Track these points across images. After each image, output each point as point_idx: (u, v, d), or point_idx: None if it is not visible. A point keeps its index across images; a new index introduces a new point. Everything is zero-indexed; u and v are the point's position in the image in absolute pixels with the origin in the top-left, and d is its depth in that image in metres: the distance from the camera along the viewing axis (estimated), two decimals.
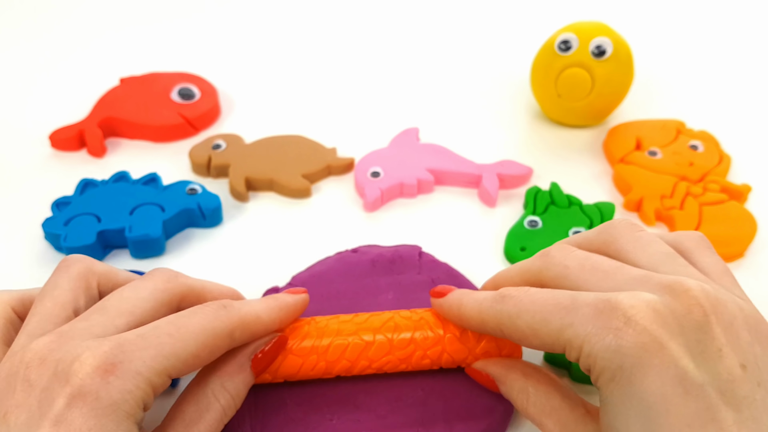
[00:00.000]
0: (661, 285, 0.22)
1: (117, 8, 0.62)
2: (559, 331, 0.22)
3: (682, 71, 0.55)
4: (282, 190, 0.42)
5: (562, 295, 0.23)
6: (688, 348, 0.20)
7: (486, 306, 0.25)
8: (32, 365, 0.22)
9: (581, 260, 0.24)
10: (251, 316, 0.25)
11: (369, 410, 0.29)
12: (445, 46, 0.58)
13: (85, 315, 0.24)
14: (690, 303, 0.21)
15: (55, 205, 0.38)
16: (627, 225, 0.26)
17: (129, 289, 0.25)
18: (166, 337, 0.23)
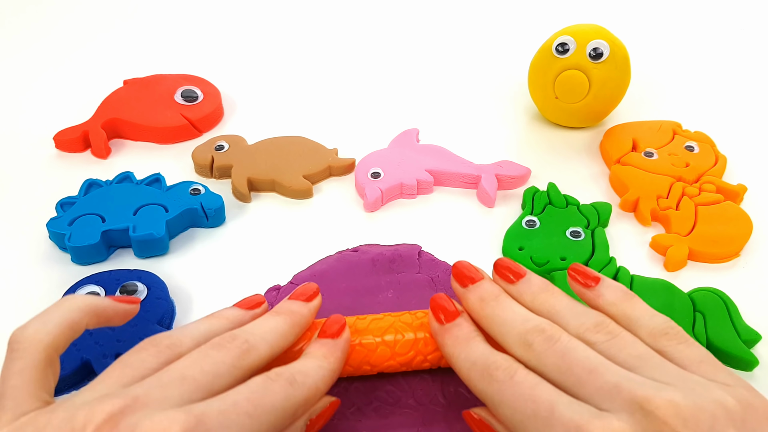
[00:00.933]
0: (631, 401, 0.22)
1: (121, 10, 0.63)
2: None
3: (678, 73, 0.56)
4: (284, 191, 0.42)
5: (542, 400, 0.22)
6: None
7: (474, 376, 0.25)
8: (103, 427, 0.20)
9: (558, 360, 0.24)
10: (313, 390, 0.25)
11: (370, 411, 0.29)
12: (445, 48, 0.59)
13: (162, 381, 0.22)
14: (659, 423, 0.21)
15: (60, 205, 0.39)
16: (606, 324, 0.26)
17: (208, 362, 0.24)
18: (245, 417, 0.22)
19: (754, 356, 0.32)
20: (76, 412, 0.21)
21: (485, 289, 0.27)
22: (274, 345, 0.26)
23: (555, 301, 0.27)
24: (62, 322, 0.25)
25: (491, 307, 0.27)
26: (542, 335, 0.24)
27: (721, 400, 0.22)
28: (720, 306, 0.34)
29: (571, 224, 0.39)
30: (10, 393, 0.23)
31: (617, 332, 0.25)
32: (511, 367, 0.24)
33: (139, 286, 0.34)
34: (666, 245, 0.38)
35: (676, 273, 0.38)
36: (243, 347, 0.25)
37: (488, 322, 0.26)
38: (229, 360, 0.24)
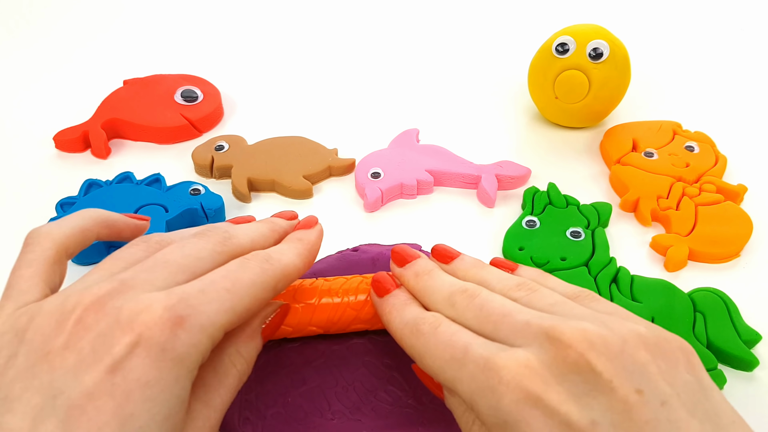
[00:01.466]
0: (540, 333, 0.22)
1: (121, 10, 0.63)
2: (452, 382, 0.23)
3: (678, 73, 0.56)
4: (284, 191, 0.42)
5: (458, 344, 0.23)
6: (570, 392, 0.21)
7: (405, 334, 0.26)
8: (90, 309, 0.21)
9: (477, 312, 0.25)
10: (290, 266, 0.26)
11: (370, 411, 0.29)
12: (444, 48, 0.59)
13: (146, 265, 0.24)
14: (565, 347, 0.21)
15: (60, 206, 0.39)
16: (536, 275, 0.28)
17: (189, 247, 0.25)
18: (225, 292, 0.23)
19: (755, 356, 0.32)
20: (66, 298, 0.22)
21: (420, 265, 0.29)
22: (254, 239, 0.27)
23: (484, 273, 0.28)
24: (75, 226, 0.27)
25: (424, 280, 0.28)
26: (465, 294, 0.26)
27: (633, 329, 0.22)
28: (720, 306, 0.34)
29: (571, 224, 0.39)
30: (16, 283, 0.24)
31: (536, 288, 0.26)
32: (437, 320, 0.25)
33: None
34: (666, 245, 0.38)
35: (677, 273, 0.38)
36: (224, 235, 0.26)
37: (422, 293, 0.28)
38: (209, 246, 0.25)
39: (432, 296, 0.27)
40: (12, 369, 0.21)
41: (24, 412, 0.20)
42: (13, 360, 0.21)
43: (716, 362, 0.32)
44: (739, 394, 0.31)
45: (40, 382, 0.20)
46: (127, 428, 0.20)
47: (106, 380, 0.20)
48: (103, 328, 0.21)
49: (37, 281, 0.24)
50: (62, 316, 0.22)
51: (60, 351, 0.21)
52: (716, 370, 0.31)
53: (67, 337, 0.21)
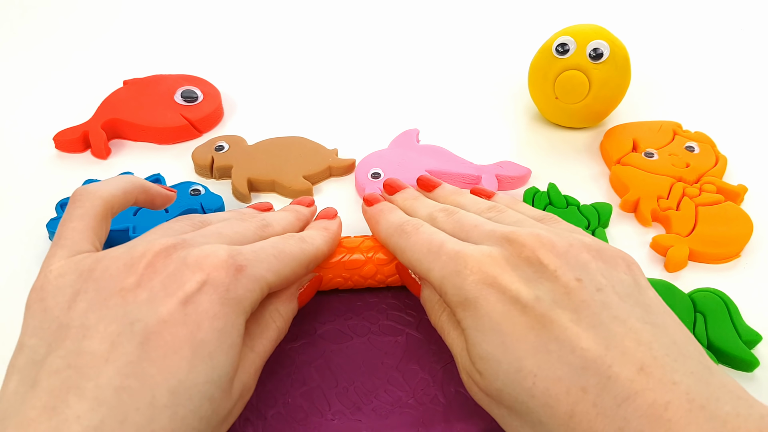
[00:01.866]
0: (502, 237, 0.27)
1: (121, 10, 0.63)
2: (427, 271, 0.27)
3: (678, 73, 0.56)
4: (284, 191, 0.42)
5: (435, 241, 0.28)
6: (521, 277, 0.25)
7: (390, 233, 0.30)
8: (160, 255, 0.24)
9: (453, 224, 0.29)
10: (320, 250, 0.30)
11: (370, 411, 0.29)
12: (445, 48, 0.59)
13: (202, 233, 0.27)
14: (519, 246, 0.26)
15: (60, 206, 0.39)
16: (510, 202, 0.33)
17: (236, 226, 0.29)
18: (272, 257, 0.27)
19: (755, 357, 0.32)
20: (133, 247, 0.25)
21: (408, 192, 0.34)
22: (285, 228, 0.31)
23: (461, 198, 0.33)
24: (119, 187, 0.29)
25: (411, 202, 0.33)
26: (445, 212, 0.30)
27: (581, 239, 0.27)
28: (720, 306, 0.34)
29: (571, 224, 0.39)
30: (69, 234, 0.26)
31: (504, 210, 0.31)
32: (419, 223, 0.30)
33: None
34: (666, 246, 0.38)
35: (677, 273, 0.38)
36: (262, 222, 0.30)
37: (407, 212, 0.32)
38: (252, 228, 0.29)
39: (416, 214, 0.31)
40: (83, 302, 0.23)
41: (102, 338, 0.22)
42: (84, 295, 0.23)
43: (716, 363, 0.32)
44: None
45: (115, 313, 0.23)
46: (200, 352, 0.23)
47: (179, 310, 0.23)
48: (172, 270, 0.24)
49: (88, 234, 0.27)
50: (132, 260, 0.24)
51: (132, 288, 0.23)
52: None
53: (138, 277, 0.24)
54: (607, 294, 0.24)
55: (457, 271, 0.26)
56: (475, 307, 0.25)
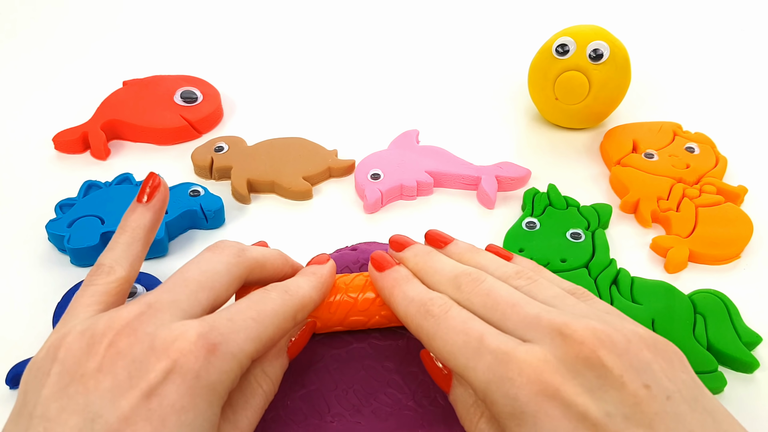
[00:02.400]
0: (551, 328, 0.23)
1: (120, 11, 0.63)
2: (465, 369, 0.24)
3: (678, 74, 0.56)
4: (283, 192, 0.42)
5: (473, 332, 0.24)
6: (584, 387, 0.22)
7: (410, 313, 0.26)
8: (122, 333, 0.22)
9: (484, 298, 0.26)
10: (307, 298, 0.27)
11: (370, 413, 0.29)
12: (444, 49, 0.59)
13: (167, 286, 0.24)
14: (577, 344, 0.22)
15: (59, 207, 0.39)
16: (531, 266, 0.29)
17: (205, 263, 0.26)
18: (251, 321, 0.24)
19: (755, 358, 0.32)
20: (96, 320, 0.23)
21: (418, 248, 0.30)
22: (266, 254, 0.28)
23: (480, 257, 0.29)
24: None
25: (424, 260, 0.29)
26: (469, 277, 0.26)
27: (634, 329, 0.24)
28: (720, 308, 0.34)
29: (571, 226, 0.39)
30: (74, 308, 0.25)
31: (536, 278, 0.27)
32: (447, 304, 0.26)
33: (139, 287, 0.34)
34: (666, 247, 0.38)
35: (677, 275, 0.38)
36: (237, 248, 0.27)
37: (423, 272, 0.28)
38: (224, 258, 0.26)
39: (434, 276, 0.28)
40: (47, 388, 0.21)
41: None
42: (48, 378, 0.22)
43: (716, 364, 0.32)
44: (740, 396, 0.31)
45: (76, 403, 0.21)
46: None
47: (142, 405, 0.21)
48: (137, 354, 0.22)
49: None
50: (93, 339, 0.22)
51: (94, 374, 0.21)
52: (716, 372, 0.31)
53: (100, 360, 0.22)
54: (677, 403, 0.22)
55: (509, 378, 0.22)
56: (534, 423, 0.22)
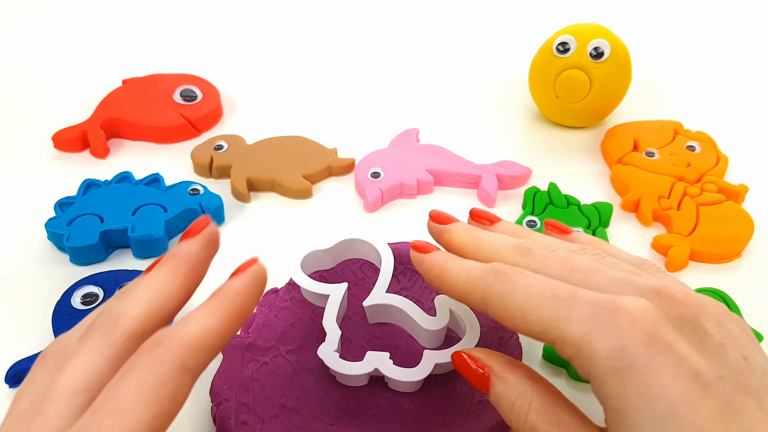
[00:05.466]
0: (646, 289, 0.22)
1: (120, 9, 0.63)
2: (554, 321, 0.21)
3: (679, 72, 0.56)
4: (283, 191, 0.42)
5: (560, 285, 0.22)
6: (693, 346, 0.20)
7: (474, 276, 0.23)
8: None
9: (560, 264, 0.23)
10: (197, 334, 0.20)
11: (370, 416, 0.29)
12: (445, 47, 0.58)
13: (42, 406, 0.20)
14: (681, 305, 0.21)
15: (58, 206, 0.39)
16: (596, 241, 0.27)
17: (76, 358, 0.21)
18: (110, 418, 0.18)
19: None
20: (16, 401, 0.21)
21: (465, 224, 0.27)
22: (152, 300, 0.22)
23: (533, 235, 0.27)
24: None
25: (478, 232, 0.26)
26: (540, 244, 0.24)
27: (719, 303, 0.23)
28: None
29: (572, 224, 0.39)
30: None
31: (603, 255, 0.25)
32: (519, 267, 0.23)
33: None
34: (667, 245, 0.38)
35: (678, 273, 0.38)
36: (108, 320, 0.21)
37: (476, 244, 0.25)
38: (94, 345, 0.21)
39: (492, 245, 0.25)
40: None
41: None
42: None
43: None
44: None
45: None
46: None
47: None
48: None
49: None
50: None
51: None
52: None
53: None
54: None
55: (617, 326, 0.20)
56: (643, 377, 0.19)
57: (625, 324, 0.20)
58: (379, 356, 0.29)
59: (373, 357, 0.29)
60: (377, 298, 0.31)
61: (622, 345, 0.20)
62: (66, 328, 0.32)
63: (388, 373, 0.28)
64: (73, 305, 0.33)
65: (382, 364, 0.29)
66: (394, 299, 0.31)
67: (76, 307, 0.33)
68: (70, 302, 0.34)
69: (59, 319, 0.33)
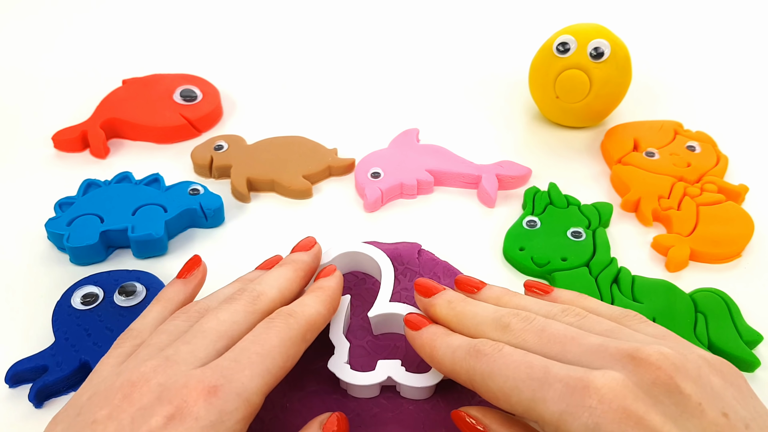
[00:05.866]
0: (620, 354, 0.22)
1: (120, 10, 0.63)
2: (532, 402, 0.22)
3: (679, 72, 0.56)
4: (283, 191, 0.42)
5: (535, 364, 0.23)
6: (666, 414, 0.21)
7: (459, 357, 0.25)
8: (137, 385, 0.23)
9: (537, 336, 0.24)
10: (314, 316, 0.27)
11: (370, 417, 0.29)
12: (445, 48, 0.58)
13: (187, 338, 0.25)
14: (654, 369, 0.21)
15: (59, 206, 0.39)
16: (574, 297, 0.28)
17: (224, 312, 0.26)
18: (256, 356, 0.24)
19: (756, 357, 0.32)
20: (118, 375, 0.24)
21: (451, 294, 0.28)
22: (283, 289, 0.28)
23: (518, 300, 0.28)
24: None
25: (461, 306, 0.27)
26: (518, 317, 0.25)
27: (701, 354, 0.23)
28: (722, 307, 0.34)
29: (572, 224, 0.39)
30: None
31: (584, 314, 0.26)
32: (498, 344, 0.24)
33: (138, 286, 0.34)
34: (667, 245, 0.38)
35: (678, 273, 0.38)
36: (252, 294, 0.27)
37: (460, 318, 0.27)
38: (241, 307, 0.27)
39: (475, 318, 0.26)
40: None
41: None
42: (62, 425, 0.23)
43: None
44: None
45: None
46: None
47: None
48: (145, 403, 0.22)
49: None
50: (111, 392, 0.23)
51: (103, 420, 0.22)
52: None
53: (111, 409, 0.22)
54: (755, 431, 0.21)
55: (587, 407, 0.21)
56: None
57: (595, 403, 0.21)
58: (390, 364, 0.29)
59: (384, 365, 0.29)
60: (381, 308, 0.31)
61: (594, 424, 0.21)
62: (66, 329, 0.32)
63: (402, 380, 0.28)
64: (73, 305, 0.33)
65: (395, 372, 0.29)
66: (399, 307, 0.31)
67: (76, 307, 0.33)
68: (70, 302, 0.33)
69: (59, 319, 0.33)
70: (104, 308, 0.33)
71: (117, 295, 0.34)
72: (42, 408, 0.30)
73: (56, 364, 0.31)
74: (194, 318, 0.27)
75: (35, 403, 0.30)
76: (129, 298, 0.34)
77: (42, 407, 0.30)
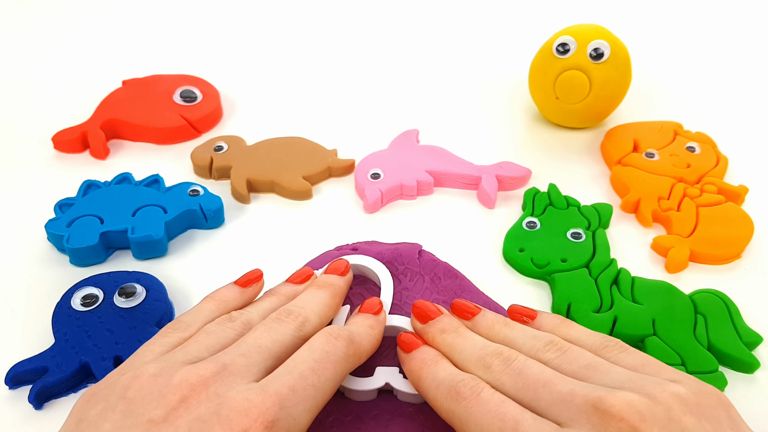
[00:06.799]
0: (587, 405, 0.23)
1: (120, 10, 0.63)
2: None
3: (679, 73, 0.56)
4: (283, 192, 0.42)
5: (507, 417, 0.24)
6: None
7: (440, 395, 0.26)
8: (195, 390, 0.23)
9: (515, 378, 0.25)
10: (368, 349, 0.28)
11: (370, 419, 0.29)
12: (445, 48, 0.58)
13: (242, 350, 0.25)
14: (616, 421, 0.22)
15: (58, 207, 0.39)
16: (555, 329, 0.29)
17: (275, 333, 0.27)
18: (312, 389, 0.25)
19: (756, 358, 0.32)
20: (172, 369, 0.24)
21: (445, 322, 0.29)
22: (323, 316, 0.29)
23: (508, 330, 0.29)
24: None
25: (452, 336, 0.29)
26: (500, 357, 0.26)
27: (674, 391, 0.23)
28: (721, 308, 0.34)
29: (571, 225, 0.39)
30: None
31: (566, 348, 0.27)
32: (478, 386, 0.25)
33: (138, 287, 0.34)
34: (667, 247, 0.38)
35: (678, 275, 0.38)
36: (299, 320, 0.28)
37: (449, 349, 0.28)
38: (290, 331, 0.27)
39: (462, 354, 0.28)
40: (108, 423, 0.22)
41: None
42: (111, 414, 0.23)
43: (717, 364, 0.32)
44: (740, 396, 0.31)
45: None
46: None
47: None
48: (203, 413, 0.22)
49: None
50: (166, 389, 0.23)
51: (159, 422, 0.22)
52: (717, 373, 0.31)
53: (168, 411, 0.22)
54: None
55: None
56: None
57: None
58: (388, 371, 0.29)
59: (382, 372, 0.29)
60: None
61: None
62: (66, 330, 0.32)
63: (400, 386, 0.29)
64: (73, 306, 0.33)
65: (393, 379, 0.29)
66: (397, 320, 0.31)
67: (76, 308, 0.33)
68: (70, 303, 0.33)
69: (59, 320, 0.33)
70: (104, 309, 0.33)
71: (117, 297, 0.34)
72: (42, 409, 0.30)
73: (56, 365, 0.31)
74: (239, 328, 0.28)
75: (35, 405, 0.30)
76: (129, 299, 0.34)
77: (42, 408, 0.30)
